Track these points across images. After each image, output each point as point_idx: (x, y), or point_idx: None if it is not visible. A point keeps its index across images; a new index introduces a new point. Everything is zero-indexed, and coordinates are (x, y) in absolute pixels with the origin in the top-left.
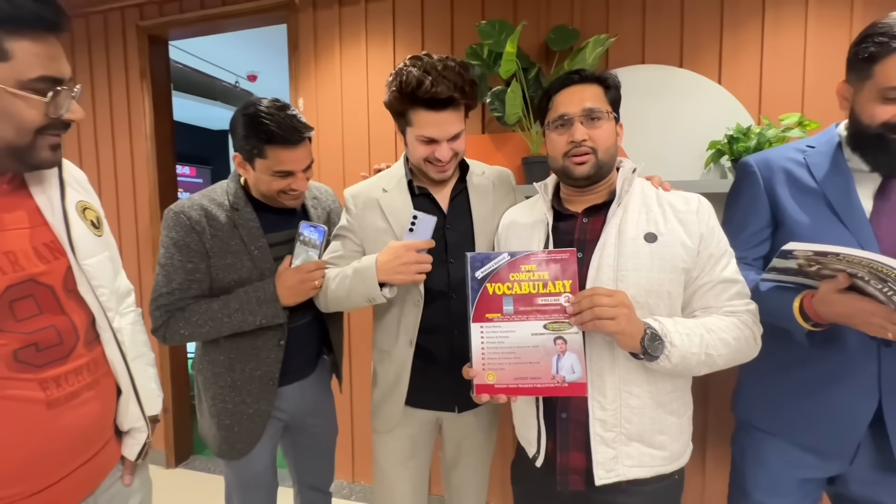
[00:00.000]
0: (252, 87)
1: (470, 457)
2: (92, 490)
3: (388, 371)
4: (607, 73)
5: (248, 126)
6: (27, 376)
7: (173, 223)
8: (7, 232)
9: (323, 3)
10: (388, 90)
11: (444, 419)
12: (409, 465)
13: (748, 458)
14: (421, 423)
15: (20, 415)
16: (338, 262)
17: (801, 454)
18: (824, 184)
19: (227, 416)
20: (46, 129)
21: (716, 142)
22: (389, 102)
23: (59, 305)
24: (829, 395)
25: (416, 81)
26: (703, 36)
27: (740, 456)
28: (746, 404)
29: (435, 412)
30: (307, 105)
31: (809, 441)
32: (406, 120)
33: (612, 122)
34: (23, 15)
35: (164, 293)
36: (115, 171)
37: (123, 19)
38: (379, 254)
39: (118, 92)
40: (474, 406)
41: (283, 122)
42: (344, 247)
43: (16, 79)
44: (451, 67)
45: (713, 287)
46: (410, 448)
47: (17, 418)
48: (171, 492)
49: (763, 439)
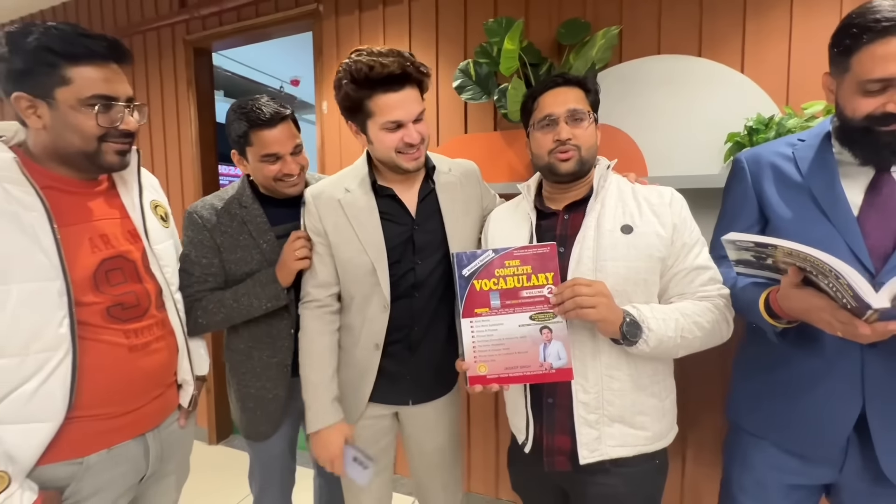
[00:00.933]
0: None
1: (432, 454)
2: (159, 422)
3: (350, 369)
4: (587, 78)
5: (233, 118)
6: (115, 327)
7: (188, 222)
8: (104, 220)
9: (344, 10)
10: (338, 89)
11: (401, 412)
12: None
13: (735, 460)
14: (380, 414)
15: (111, 354)
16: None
17: (787, 459)
18: (809, 178)
19: (250, 401)
20: (108, 138)
21: (734, 133)
22: (344, 98)
23: (138, 277)
24: (809, 397)
25: (367, 66)
26: (724, 22)
27: (728, 459)
28: (734, 406)
29: (392, 406)
30: (330, 108)
31: (793, 445)
32: (365, 112)
33: (593, 123)
34: (77, 50)
35: (183, 287)
36: (167, 172)
37: (173, 34)
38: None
39: (169, 101)
40: (429, 399)
41: (260, 107)
42: (316, 252)
43: (75, 98)
44: (392, 51)
45: (687, 274)
46: (372, 437)
47: (109, 357)
48: (213, 465)
49: (749, 442)
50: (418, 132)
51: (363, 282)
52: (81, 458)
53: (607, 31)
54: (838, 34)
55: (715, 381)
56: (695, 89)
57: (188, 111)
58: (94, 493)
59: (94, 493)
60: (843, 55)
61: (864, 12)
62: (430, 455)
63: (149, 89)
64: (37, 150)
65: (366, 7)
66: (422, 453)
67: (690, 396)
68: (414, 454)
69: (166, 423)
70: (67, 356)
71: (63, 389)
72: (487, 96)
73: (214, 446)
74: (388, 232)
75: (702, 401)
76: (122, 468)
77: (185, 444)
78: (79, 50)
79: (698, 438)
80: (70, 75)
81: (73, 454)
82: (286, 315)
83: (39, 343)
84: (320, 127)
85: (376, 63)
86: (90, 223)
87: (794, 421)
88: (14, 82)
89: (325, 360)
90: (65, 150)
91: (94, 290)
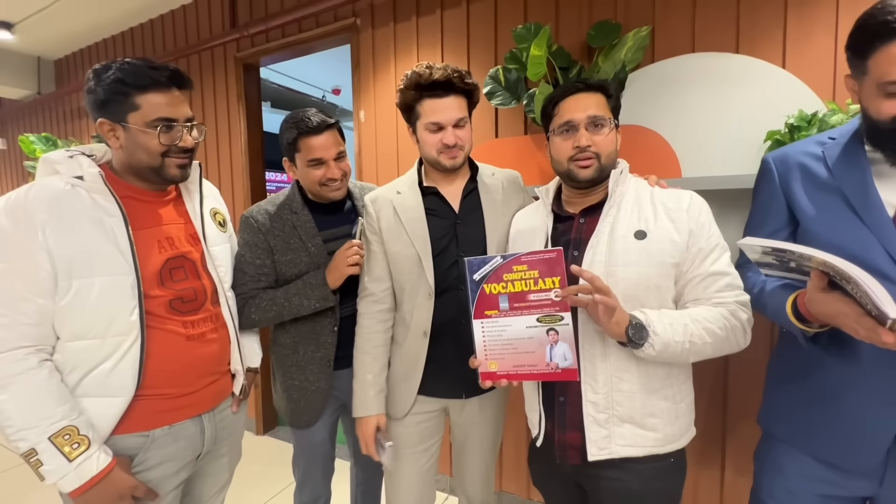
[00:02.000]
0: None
1: (476, 443)
2: (214, 406)
3: (403, 361)
4: (608, 83)
5: (285, 128)
6: (176, 318)
7: (244, 226)
8: (171, 225)
9: (380, 22)
10: (398, 93)
11: (451, 406)
12: (417, 451)
13: (766, 468)
14: (429, 412)
15: (172, 342)
16: (372, 267)
17: (820, 468)
18: (840, 178)
19: (294, 392)
20: (170, 154)
21: (774, 131)
22: (401, 100)
23: (197, 274)
24: (845, 406)
25: (419, 74)
26: (763, 17)
27: (759, 466)
28: (767, 413)
29: (443, 399)
30: (367, 116)
31: (827, 454)
32: (415, 113)
33: (613, 129)
34: (144, 81)
35: (238, 285)
36: (220, 178)
37: (225, 53)
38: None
39: (221, 114)
40: (480, 393)
41: (309, 117)
42: (371, 250)
43: (143, 121)
44: (446, 65)
45: (702, 280)
46: (418, 435)
47: (170, 343)
48: (260, 454)
49: (781, 449)
50: (455, 136)
51: (411, 272)
52: (148, 432)
53: (637, 32)
54: (853, 37)
55: (754, 388)
56: (732, 87)
57: (238, 123)
58: (158, 463)
59: (158, 464)
60: (860, 58)
61: (876, 13)
62: (473, 447)
63: (203, 104)
64: (118, 166)
65: (400, 19)
66: (466, 443)
67: (729, 403)
68: (458, 443)
69: (220, 408)
70: (137, 341)
71: (133, 369)
72: (517, 101)
73: (261, 436)
74: (432, 226)
75: (740, 407)
76: (181, 444)
77: (237, 428)
78: (146, 81)
79: (737, 446)
80: (139, 102)
81: (142, 427)
82: (330, 314)
83: (115, 328)
84: (358, 134)
85: (425, 72)
86: (159, 227)
87: (828, 430)
88: (98, 110)
89: (374, 357)
90: (136, 165)
91: (160, 284)
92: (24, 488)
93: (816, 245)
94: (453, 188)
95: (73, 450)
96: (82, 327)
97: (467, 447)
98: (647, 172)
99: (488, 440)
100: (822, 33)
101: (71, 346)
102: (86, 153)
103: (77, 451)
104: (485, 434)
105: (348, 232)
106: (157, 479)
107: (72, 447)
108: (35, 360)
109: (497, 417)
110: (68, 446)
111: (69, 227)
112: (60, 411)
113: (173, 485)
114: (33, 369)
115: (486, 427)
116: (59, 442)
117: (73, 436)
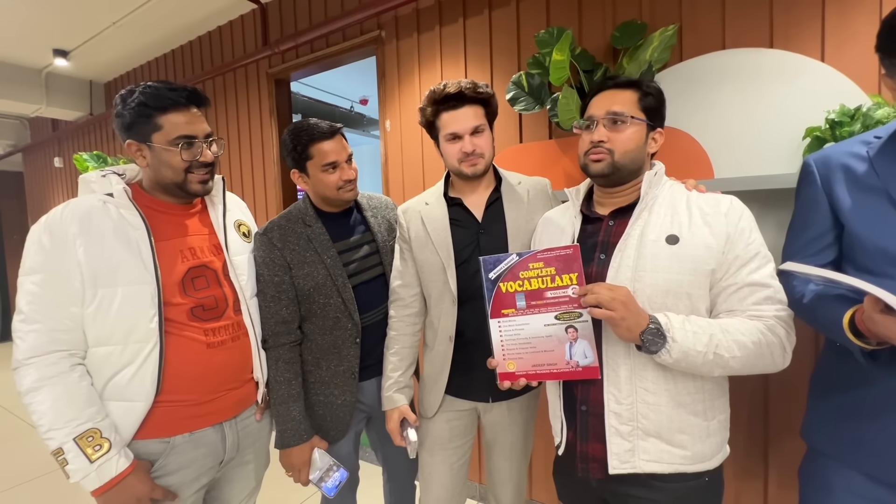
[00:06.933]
0: (363, 110)
1: (504, 446)
2: (236, 414)
3: (432, 364)
4: (642, 80)
5: (291, 137)
6: (197, 325)
7: (259, 244)
8: (195, 236)
9: (404, 33)
10: (420, 112)
11: (481, 409)
12: (448, 448)
13: (812, 485)
14: (459, 410)
15: (193, 349)
16: (402, 273)
17: (871, 486)
18: (887, 179)
19: (319, 408)
20: (192, 169)
21: (813, 128)
22: (423, 118)
23: (218, 283)
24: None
25: (433, 91)
26: (799, 9)
27: (805, 483)
28: (811, 426)
29: (472, 402)
30: (392, 126)
31: (879, 472)
32: (436, 128)
33: (637, 128)
34: (164, 102)
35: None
36: (254, 192)
37: (258, 69)
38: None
39: (255, 128)
40: (508, 397)
41: (316, 124)
42: (402, 258)
43: (165, 140)
44: (460, 80)
45: (738, 290)
46: (448, 432)
47: (191, 350)
48: None
49: (828, 466)
50: (473, 143)
51: (437, 279)
52: (169, 438)
53: (663, 31)
54: (880, 38)
55: (796, 399)
56: (766, 83)
57: (270, 136)
58: (178, 469)
59: (178, 470)
60: (891, 57)
61: None
62: (501, 450)
63: (238, 119)
64: (147, 183)
65: (423, 29)
66: (494, 446)
67: (770, 415)
68: (487, 445)
69: (243, 416)
70: (156, 348)
71: (152, 375)
72: (540, 106)
73: None
74: (456, 235)
75: (783, 420)
76: (201, 451)
77: (261, 436)
78: (166, 102)
79: (780, 461)
80: (161, 122)
81: (162, 434)
82: (351, 325)
83: (135, 335)
84: (384, 144)
85: (439, 88)
86: (183, 238)
87: (879, 445)
88: (126, 132)
89: (401, 357)
90: (162, 181)
91: (182, 293)
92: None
93: (861, 248)
94: (477, 198)
95: (95, 451)
96: (106, 334)
97: (495, 450)
98: (677, 174)
99: (518, 445)
100: (864, 22)
101: (96, 351)
102: (117, 172)
103: (98, 452)
104: (514, 438)
105: (360, 242)
106: (176, 484)
107: (94, 449)
108: (67, 364)
109: (527, 423)
110: (90, 448)
111: (97, 240)
112: (86, 414)
113: (193, 490)
114: (65, 372)
115: (514, 431)
116: (83, 443)
117: (95, 438)
